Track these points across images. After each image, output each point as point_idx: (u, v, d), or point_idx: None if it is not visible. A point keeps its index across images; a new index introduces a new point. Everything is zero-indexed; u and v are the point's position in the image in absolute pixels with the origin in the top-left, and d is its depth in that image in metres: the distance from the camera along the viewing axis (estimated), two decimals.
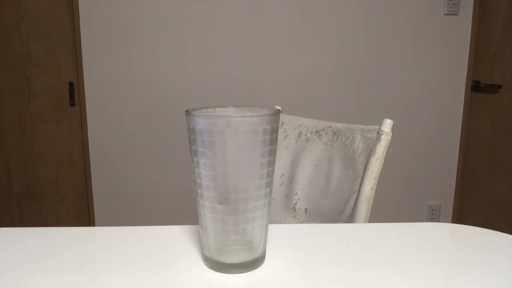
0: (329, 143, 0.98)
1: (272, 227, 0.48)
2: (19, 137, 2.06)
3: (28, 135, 2.06)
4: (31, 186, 2.11)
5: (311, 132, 1.04)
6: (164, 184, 2.07)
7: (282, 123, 1.10)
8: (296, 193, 1.02)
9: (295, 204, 1.01)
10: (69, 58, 2.00)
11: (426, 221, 2.18)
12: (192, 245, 0.44)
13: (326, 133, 1.00)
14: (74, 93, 2.02)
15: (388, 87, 2.03)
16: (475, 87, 2.07)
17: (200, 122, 0.35)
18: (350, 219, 0.84)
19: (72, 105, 2.03)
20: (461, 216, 2.21)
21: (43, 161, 2.08)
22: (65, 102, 2.04)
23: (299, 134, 1.06)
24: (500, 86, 2.05)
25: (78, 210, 2.14)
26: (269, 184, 0.37)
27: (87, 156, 2.04)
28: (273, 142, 0.36)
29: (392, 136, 0.83)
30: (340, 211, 0.90)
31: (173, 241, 0.45)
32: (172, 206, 2.09)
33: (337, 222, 0.90)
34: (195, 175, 0.37)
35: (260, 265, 0.39)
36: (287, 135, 1.08)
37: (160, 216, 2.10)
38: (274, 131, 0.36)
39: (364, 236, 0.47)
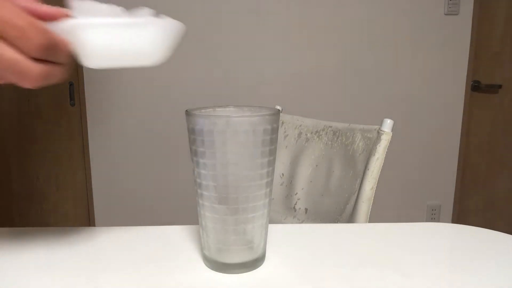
0: (329, 143, 0.98)
1: (272, 227, 0.48)
2: (19, 137, 2.06)
3: (28, 135, 2.06)
4: (31, 186, 2.11)
5: (311, 132, 1.04)
6: (164, 184, 2.07)
7: (282, 123, 1.10)
8: (296, 193, 1.02)
9: (295, 204, 1.01)
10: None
11: (426, 221, 2.18)
12: (192, 245, 0.44)
13: (326, 133, 1.00)
14: (74, 93, 2.02)
15: (388, 87, 2.03)
16: (475, 87, 2.07)
17: (200, 122, 0.35)
18: (350, 219, 0.84)
19: (72, 105, 2.03)
20: (461, 216, 2.21)
21: (43, 161, 2.08)
22: (65, 102, 2.04)
23: (299, 134, 1.06)
24: (500, 86, 2.05)
25: (78, 210, 2.14)
26: (269, 184, 0.37)
27: (87, 156, 2.04)
28: (273, 142, 0.36)
29: (392, 136, 0.83)
30: (340, 211, 0.90)
31: (173, 241, 0.45)
32: (172, 206, 2.09)
33: (337, 222, 0.90)
34: (195, 175, 0.37)
35: (260, 265, 0.39)
36: (287, 135, 1.08)
37: (160, 216, 2.10)
38: (274, 131, 0.36)
39: (364, 236, 0.47)
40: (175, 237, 0.46)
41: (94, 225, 2.11)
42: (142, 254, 0.41)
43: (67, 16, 0.31)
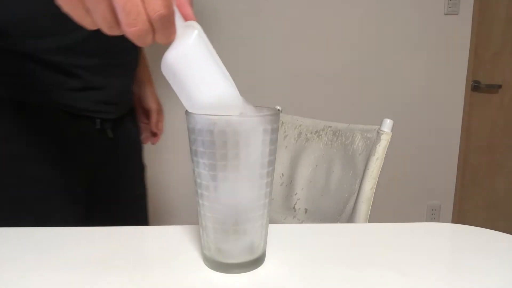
0: (329, 143, 0.98)
1: (272, 227, 0.48)
2: None
3: None
4: None
5: (311, 132, 1.04)
6: (164, 184, 2.07)
7: (282, 123, 1.10)
8: (296, 193, 1.02)
9: (295, 204, 1.01)
10: None
11: (426, 221, 2.18)
12: (192, 245, 0.44)
13: (326, 133, 1.00)
14: None
15: (388, 87, 2.02)
16: (475, 87, 2.07)
17: (200, 122, 0.35)
18: (350, 219, 0.84)
19: None
20: (461, 216, 2.21)
21: None
22: None
23: (299, 134, 1.06)
24: (500, 86, 2.04)
25: None
26: (269, 184, 0.37)
27: None
28: (273, 142, 0.36)
29: (392, 136, 0.83)
30: (340, 211, 0.90)
31: (173, 241, 0.45)
32: (172, 206, 2.09)
33: (337, 222, 0.90)
34: (195, 175, 0.37)
35: (260, 265, 0.39)
36: (287, 135, 1.08)
37: (160, 216, 2.10)
38: (274, 131, 0.36)
39: (364, 236, 0.47)
40: (175, 237, 0.46)
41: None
42: (142, 254, 0.41)
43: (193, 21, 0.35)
